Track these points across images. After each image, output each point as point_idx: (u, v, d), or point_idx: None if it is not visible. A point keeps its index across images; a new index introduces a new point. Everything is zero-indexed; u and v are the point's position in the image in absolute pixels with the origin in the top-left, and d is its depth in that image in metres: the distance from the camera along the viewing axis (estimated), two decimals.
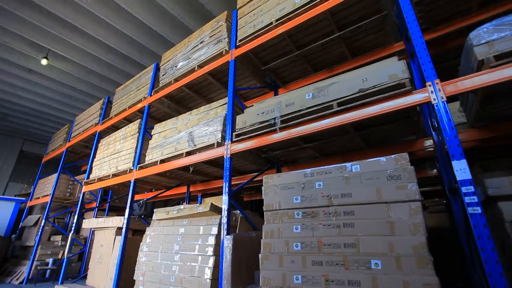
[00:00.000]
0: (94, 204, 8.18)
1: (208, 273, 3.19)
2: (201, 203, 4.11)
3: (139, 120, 5.62)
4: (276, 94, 4.95)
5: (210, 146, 3.85)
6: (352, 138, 3.46)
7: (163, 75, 5.55)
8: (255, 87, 5.07)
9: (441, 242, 4.36)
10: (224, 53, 4.34)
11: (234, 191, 3.60)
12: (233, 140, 3.55)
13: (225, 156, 3.55)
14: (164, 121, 5.05)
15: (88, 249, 7.25)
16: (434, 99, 2.28)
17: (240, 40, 4.15)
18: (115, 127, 6.96)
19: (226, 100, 4.09)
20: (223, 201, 3.37)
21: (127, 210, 4.75)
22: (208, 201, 4.80)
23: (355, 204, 2.33)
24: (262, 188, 2.92)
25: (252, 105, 3.76)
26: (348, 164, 2.48)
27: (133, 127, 5.62)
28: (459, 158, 2.03)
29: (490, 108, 2.80)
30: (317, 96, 2.87)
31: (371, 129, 3.23)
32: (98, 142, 6.82)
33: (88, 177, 6.48)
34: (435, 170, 3.65)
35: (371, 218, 2.24)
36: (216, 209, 3.65)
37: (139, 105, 5.78)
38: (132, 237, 4.90)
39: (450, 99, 2.32)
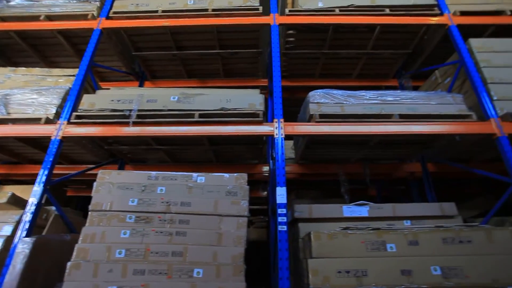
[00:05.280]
0: None
1: None
2: None
3: None
4: (141, 85, 4.54)
5: (34, 120, 2.97)
6: (205, 151, 3.61)
7: None
8: (119, 70, 4.46)
9: (259, 252, 5.15)
10: (90, 17, 3.61)
11: (54, 182, 2.89)
12: (72, 121, 2.91)
13: (53, 137, 2.82)
14: None
15: None
16: (276, 134, 2.76)
17: (116, 13, 3.59)
18: None
19: (76, 71, 3.34)
20: (33, 193, 2.61)
21: None
22: (9, 190, 3.57)
23: (192, 214, 2.39)
24: (95, 183, 2.51)
25: (109, 89, 3.27)
26: (194, 174, 2.55)
27: None
28: (282, 185, 2.51)
29: (310, 151, 3.69)
30: (182, 101, 2.85)
31: (224, 146, 3.49)
32: None
33: None
34: (265, 192, 4.36)
35: (204, 229, 2.35)
36: (18, 202, 2.80)
37: None
38: None
39: (288, 137, 2.89)
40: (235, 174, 2.56)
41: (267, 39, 3.57)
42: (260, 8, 3.51)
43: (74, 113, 2.92)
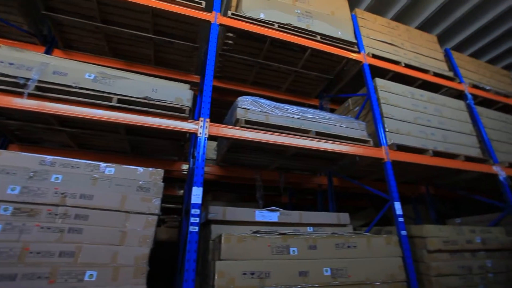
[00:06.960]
0: None
1: None
2: None
3: None
4: (48, 53, 3.81)
5: None
6: (120, 140, 3.27)
7: None
8: (19, 27, 3.64)
9: (168, 252, 4.90)
10: None
11: None
12: None
13: None
14: None
15: None
16: (200, 133, 2.70)
17: None
18: None
19: None
20: None
21: None
22: None
23: (93, 208, 2.11)
24: None
25: (0, 46, 2.65)
26: (103, 164, 2.27)
27: None
28: (198, 185, 2.46)
29: (232, 154, 3.74)
30: (99, 81, 2.51)
31: (143, 138, 3.23)
32: None
33: None
34: (182, 191, 4.20)
35: (105, 226, 2.11)
36: None
37: None
38: None
39: (213, 138, 2.86)
40: (151, 169, 2.38)
41: (206, 36, 3.49)
42: (203, 3, 3.42)
43: None
